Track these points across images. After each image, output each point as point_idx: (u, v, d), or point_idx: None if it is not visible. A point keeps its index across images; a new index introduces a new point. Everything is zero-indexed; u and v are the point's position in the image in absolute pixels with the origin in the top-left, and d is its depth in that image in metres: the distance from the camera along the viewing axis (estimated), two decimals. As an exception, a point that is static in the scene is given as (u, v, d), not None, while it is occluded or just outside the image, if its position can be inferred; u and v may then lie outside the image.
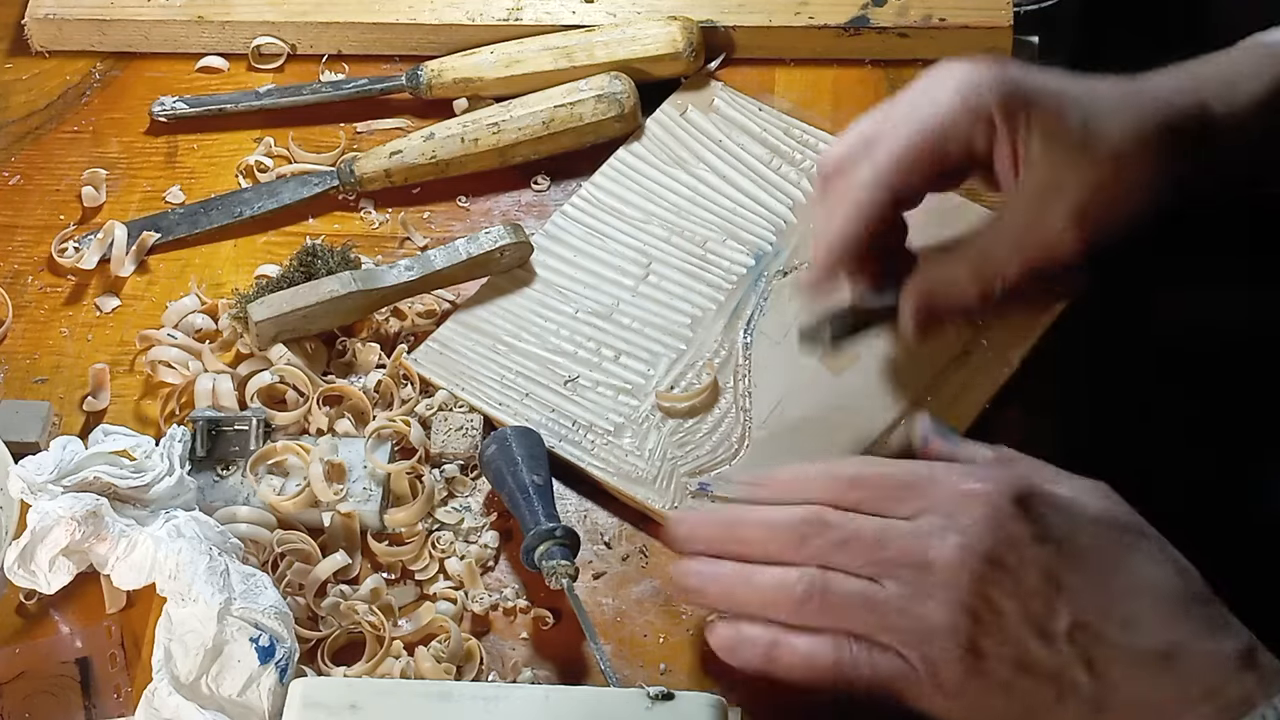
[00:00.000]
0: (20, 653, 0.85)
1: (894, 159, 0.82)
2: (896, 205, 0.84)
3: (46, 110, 1.10)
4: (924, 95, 0.83)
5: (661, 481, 0.89)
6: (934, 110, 0.82)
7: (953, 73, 0.82)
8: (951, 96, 0.81)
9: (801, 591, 0.76)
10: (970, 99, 0.81)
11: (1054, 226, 0.81)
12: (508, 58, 1.06)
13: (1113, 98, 0.82)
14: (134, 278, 1.01)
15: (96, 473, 0.83)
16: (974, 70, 0.81)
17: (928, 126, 0.82)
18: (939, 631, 0.74)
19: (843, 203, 0.84)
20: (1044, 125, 0.80)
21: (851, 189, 0.83)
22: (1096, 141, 0.81)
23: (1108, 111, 0.81)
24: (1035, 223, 0.82)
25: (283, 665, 0.79)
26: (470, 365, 0.94)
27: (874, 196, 0.83)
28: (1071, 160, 0.81)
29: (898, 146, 0.82)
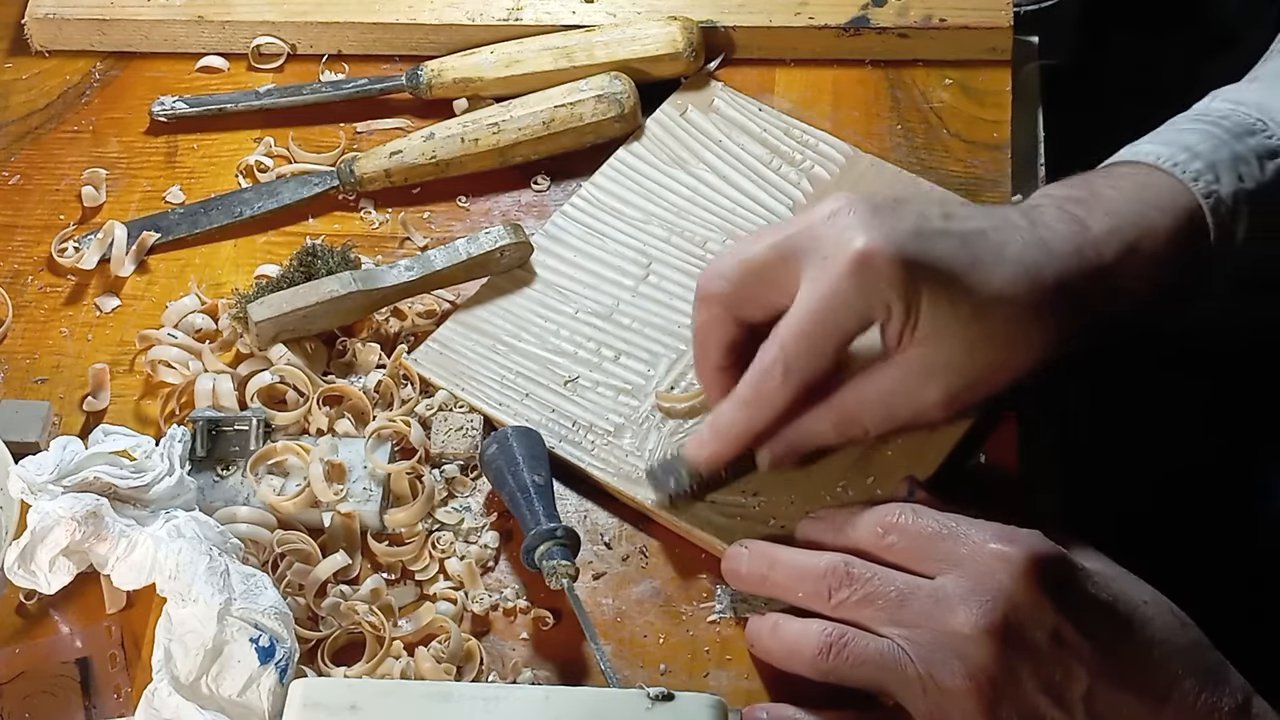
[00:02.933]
0: (20, 653, 0.85)
1: (801, 352, 0.80)
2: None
3: (46, 110, 1.10)
4: (822, 263, 0.79)
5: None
6: (832, 289, 0.79)
7: (851, 239, 0.78)
8: (849, 275, 0.78)
9: (818, 648, 0.77)
10: (868, 279, 0.78)
11: (925, 399, 0.81)
12: (508, 58, 1.05)
13: (1013, 268, 0.80)
14: (134, 278, 1.01)
15: (96, 473, 0.83)
16: (874, 241, 0.78)
17: (827, 308, 0.79)
18: (957, 697, 0.74)
19: (755, 393, 0.82)
20: (936, 307, 0.79)
21: (764, 383, 0.81)
22: (987, 323, 0.79)
23: (1006, 285, 0.79)
24: (908, 393, 0.81)
25: (283, 665, 0.79)
26: (470, 365, 0.94)
27: (786, 393, 0.81)
28: (957, 344, 0.80)
29: (801, 337, 0.80)
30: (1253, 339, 1.07)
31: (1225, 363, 1.10)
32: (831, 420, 0.83)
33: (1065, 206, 0.83)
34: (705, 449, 0.85)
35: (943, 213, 0.81)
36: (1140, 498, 1.08)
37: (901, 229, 0.79)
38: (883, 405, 0.82)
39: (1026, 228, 0.82)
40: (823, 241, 0.80)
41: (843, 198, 0.81)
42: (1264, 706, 0.75)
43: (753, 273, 0.82)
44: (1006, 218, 0.82)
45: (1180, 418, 1.11)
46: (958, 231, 0.80)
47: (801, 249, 0.80)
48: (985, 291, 0.79)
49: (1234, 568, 1.04)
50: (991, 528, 0.77)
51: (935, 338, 0.79)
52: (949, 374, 0.80)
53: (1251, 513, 1.06)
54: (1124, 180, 0.84)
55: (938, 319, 0.79)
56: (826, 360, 0.81)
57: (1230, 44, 1.23)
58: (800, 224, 0.81)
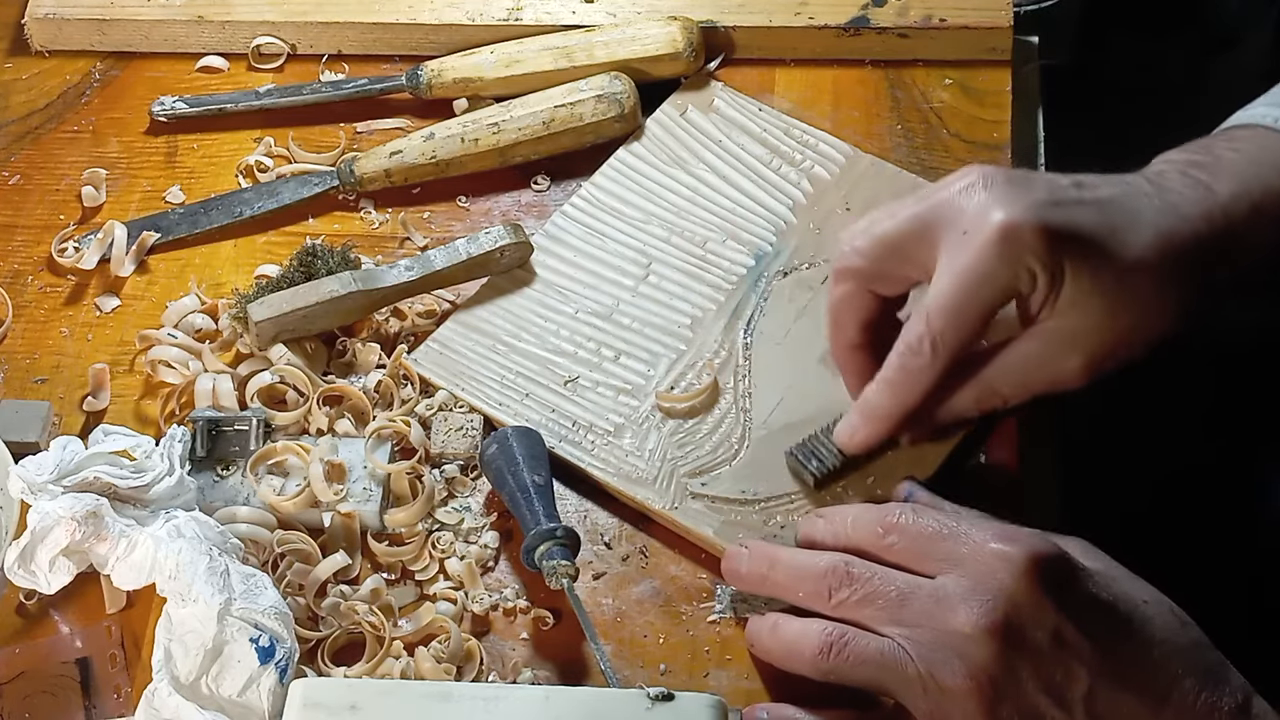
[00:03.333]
0: (20, 653, 0.85)
1: (948, 328, 0.80)
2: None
3: (46, 110, 1.10)
4: (962, 238, 0.79)
5: (661, 482, 0.88)
6: (976, 262, 0.79)
7: (992, 212, 0.78)
8: (994, 247, 0.78)
9: (818, 648, 0.78)
10: (1012, 252, 0.78)
11: (1065, 369, 0.81)
12: (508, 58, 1.05)
13: (1149, 234, 0.80)
14: (134, 278, 1.01)
15: (96, 473, 0.83)
16: (1015, 214, 0.78)
17: (973, 282, 0.79)
18: (957, 696, 0.74)
19: (905, 373, 0.82)
20: (1078, 276, 0.79)
21: (912, 362, 0.81)
22: (1127, 290, 0.79)
23: (1144, 251, 0.79)
24: (1048, 363, 0.81)
25: (283, 665, 0.79)
26: (470, 365, 0.94)
27: (935, 370, 0.81)
28: (1098, 313, 0.80)
29: (948, 313, 0.79)
30: (1254, 340, 1.07)
31: (1226, 363, 1.10)
32: (973, 394, 0.83)
33: (1189, 171, 0.83)
34: (859, 433, 0.85)
35: (1073, 182, 0.81)
36: (1140, 498, 1.08)
37: (1040, 198, 0.79)
38: (1024, 375, 0.82)
39: (1154, 193, 0.81)
40: (962, 214, 0.79)
41: (975, 170, 0.81)
42: (1264, 706, 0.75)
43: (889, 247, 0.82)
44: (1134, 184, 0.82)
45: (1180, 418, 1.11)
46: (1092, 200, 0.80)
47: (939, 222, 0.80)
48: (1125, 258, 0.79)
49: (1234, 567, 1.04)
50: (992, 527, 0.77)
51: (1077, 306, 0.79)
52: (1090, 342, 0.80)
53: (1251, 513, 1.06)
54: (1242, 143, 0.85)
55: (1080, 288, 0.79)
56: (973, 335, 0.80)
57: (1230, 44, 1.23)
58: (934, 198, 0.81)
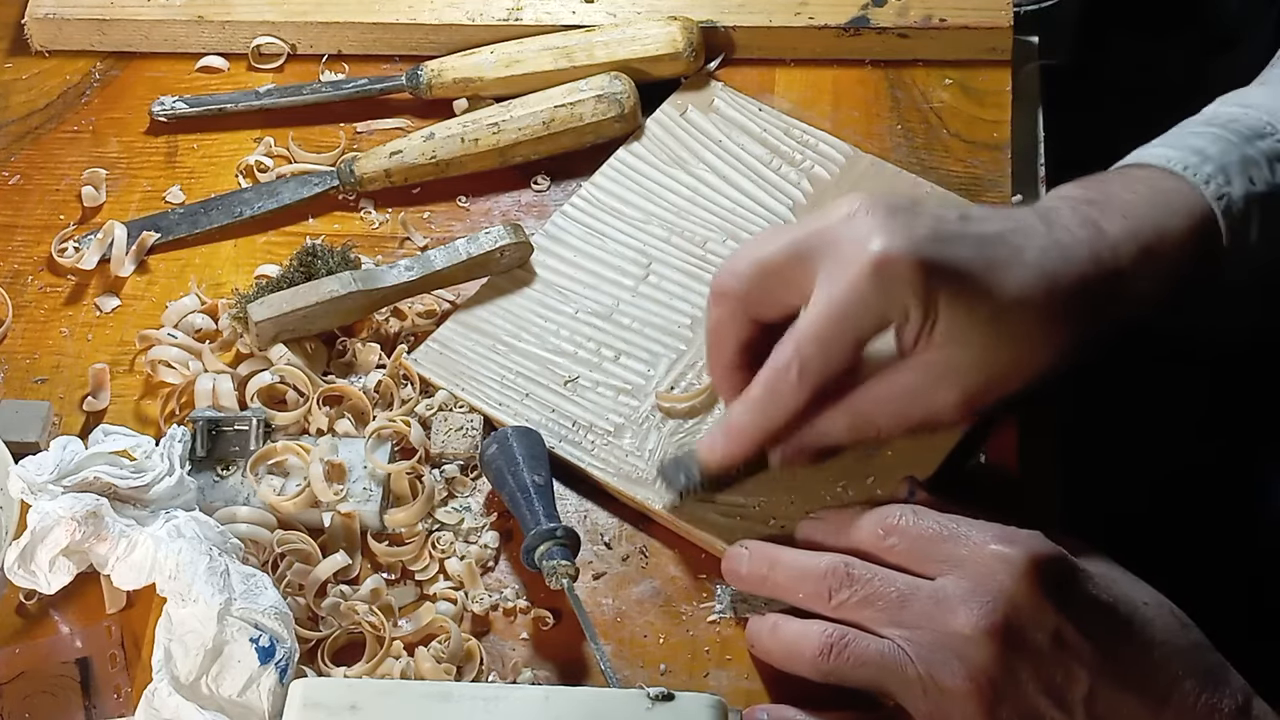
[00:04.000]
0: (20, 653, 0.85)
1: (816, 354, 0.79)
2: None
3: (46, 110, 1.10)
4: (838, 266, 0.78)
5: (661, 482, 0.88)
6: (849, 291, 0.78)
7: (870, 241, 0.78)
8: (868, 278, 0.77)
9: (819, 649, 0.77)
10: (887, 282, 0.77)
11: (940, 402, 0.80)
12: (508, 58, 1.05)
13: (1030, 272, 0.79)
14: (134, 278, 1.01)
15: (96, 473, 0.83)
16: (892, 245, 0.77)
17: (845, 310, 0.78)
18: (957, 697, 0.74)
19: (769, 394, 0.81)
20: (954, 310, 0.78)
21: (778, 384, 0.80)
22: (1005, 327, 0.79)
23: (1023, 289, 0.79)
24: (923, 396, 0.80)
25: (283, 665, 0.79)
26: (470, 365, 0.94)
27: (801, 395, 0.81)
28: (974, 348, 0.79)
29: (817, 339, 0.79)
30: (1252, 340, 1.07)
31: (1225, 363, 1.10)
32: (845, 422, 0.82)
33: (1080, 209, 0.82)
34: (718, 450, 0.85)
35: (959, 215, 0.81)
36: (1140, 498, 1.08)
37: (920, 231, 0.78)
38: (897, 407, 0.81)
39: (1043, 231, 0.81)
40: (840, 243, 0.79)
41: (859, 198, 0.80)
42: (1264, 708, 0.75)
43: (767, 272, 0.82)
44: (1023, 220, 0.82)
45: (1180, 418, 1.11)
46: (975, 234, 0.80)
47: (818, 249, 0.80)
48: (1003, 295, 0.78)
49: (1234, 568, 1.04)
50: (992, 529, 0.77)
51: (952, 341, 0.79)
52: (965, 377, 0.80)
53: (1251, 513, 1.06)
54: (1138, 184, 0.84)
55: (955, 322, 0.78)
56: (842, 362, 0.80)
57: (1230, 44, 1.23)
58: (816, 224, 0.81)
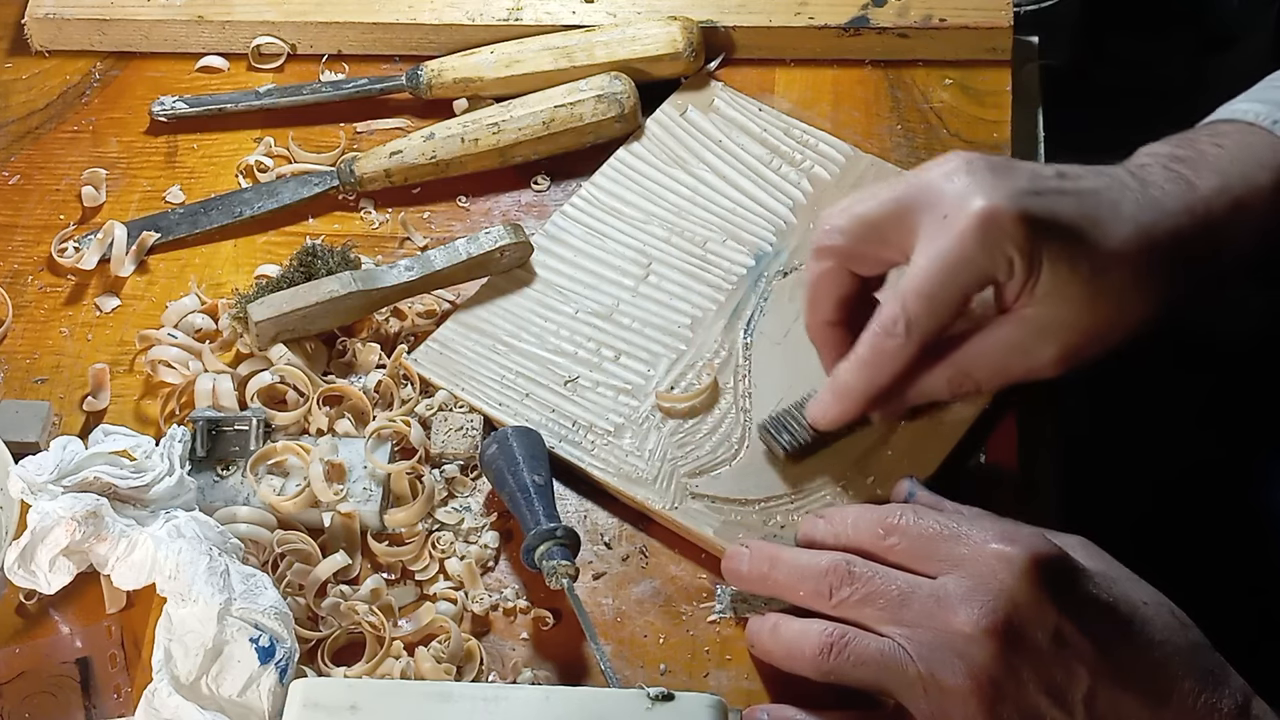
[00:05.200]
0: (20, 653, 0.85)
1: (923, 311, 0.80)
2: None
3: (46, 110, 1.10)
4: (942, 222, 0.79)
5: (661, 482, 0.88)
6: (954, 247, 0.79)
7: (973, 198, 0.79)
8: (973, 233, 0.78)
9: (819, 648, 0.78)
10: (992, 238, 0.78)
11: (1040, 357, 0.81)
12: (508, 58, 1.05)
13: (1129, 227, 0.80)
14: (134, 278, 1.01)
15: (96, 473, 0.83)
16: (995, 200, 0.78)
17: (950, 266, 0.79)
18: (957, 697, 0.74)
19: (876, 353, 0.82)
20: (1056, 265, 0.79)
21: (886, 342, 0.81)
22: (1105, 281, 0.80)
23: (1123, 244, 0.79)
24: (1024, 351, 0.81)
25: (283, 665, 0.79)
26: (470, 365, 0.94)
27: (907, 352, 0.81)
28: (1075, 303, 0.80)
29: (923, 296, 0.80)
30: (1256, 338, 1.07)
31: (1227, 361, 1.10)
32: (946, 377, 0.83)
33: (1171, 165, 0.83)
34: (830, 410, 0.85)
35: (1056, 171, 0.82)
36: (1141, 497, 1.08)
37: (1021, 187, 0.79)
38: (998, 362, 0.82)
39: (1137, 187, 0.82)
40: (943, 199, 0.79)
41: (958, 156, 0.81)
42: (1264, 708, 0.75)
43: (869, 227, 0.82)
44: (1116, 177, 0.82)
45: (1181, 417, 1.11)
46: (1074, 190, 0.80)
47: (919, 205, 0.80)
48: (1104, 250, 0.79)
49: (1235, 568, 1.04)
50: (992, 528, 0.77)
51: (1054, 296, 0.79)
52: (1066, 332, 0.80)
53: (1253, 513, 1.06)
54: (1226, 138, 0.85)
55: (1058, 277, 0.79)
56: (947, 318, 0.81)
57: (1230, 44, 1.23)
58: (916, 181, 0.81)
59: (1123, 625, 0.75)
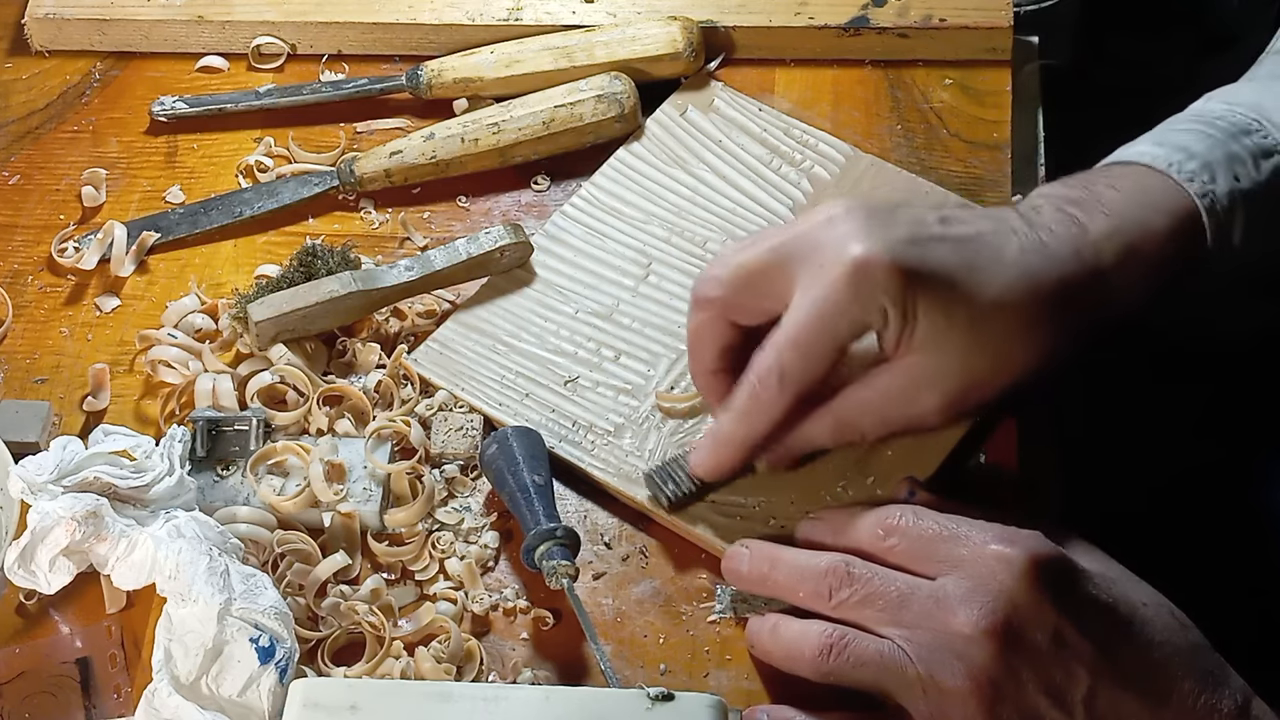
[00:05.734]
0: (20, 653, 0.85)
1: (797, 361, 0.80)
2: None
3: (46, 110, 1.10)
4: (817, 271, 0.79)
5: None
6: (828, 297, 0.78)
7: (848, 246, 0.78)
8: (845, 282, 0.78)
9: (818, 649, 0.77)
10: (865, 287, 0.78)
11: (921, 406, 0.81)
12: (508, 58, 1.05)
13: (1011, 273, 0.79)
14: (134, 278, 1.01)
15: (96, 473, 0.83)
16: (870, 249, 0.78)
17: (824, 316, 0.79)
18: (957, 698, 0.74)
19: (753, 402, 0.82)
20: (932, 314, 0.78)
21: (761, 392, 0.81)
22: (985, 329, 0.79)
23: (1003, 291, 0.79)
24: (905, 399, 0.81)
25: (283, 665, 0.79)
26: (470, 365, 0.94)
27: (783, 402, 0.81)
28: (954, 352, 0.79)
29: (797, 346, 0.79)
30: (1253, 341, 1.07)
31: (1225, 364, 1.10)
32: (828, 425, 0.83)
33: (1064, 208, 0.83)
34: (708, 461, 0.85)
35: (939, 217, 0.81)
36: (1140, 498, 1.08)
37: (897, 235, 0.78)
38: (880, 411, 0.82)
39: (1025, 230, 0.81)
40: (818, 248, 0.79)
41: (839, 203, 0.80)
42: (1263, 708, 0.75)
43: (747, 278, 0.82)
44: (1004, 220, 0.82)
45: (1179, 419, 1.11)
46: (954, 236, 0.80)
47: (797, 255, 0.80)
48: (983, 298, 0.79)
49: (1235, 568, 1.04)
50: (992, 529, 0.77)
51: (932, 345, 0.79)
52: (946, 381, 0.80)
53: (1253, 513, 1.06)
54: (1122, 181, 0.84)
55: (935, 326, 0.78)
56: (822, 367, 0.80)
57: (1230, 44, 1.23)
58: (796, 230, 0.81)
59: (1122, 626, 0.75)
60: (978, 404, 0.82)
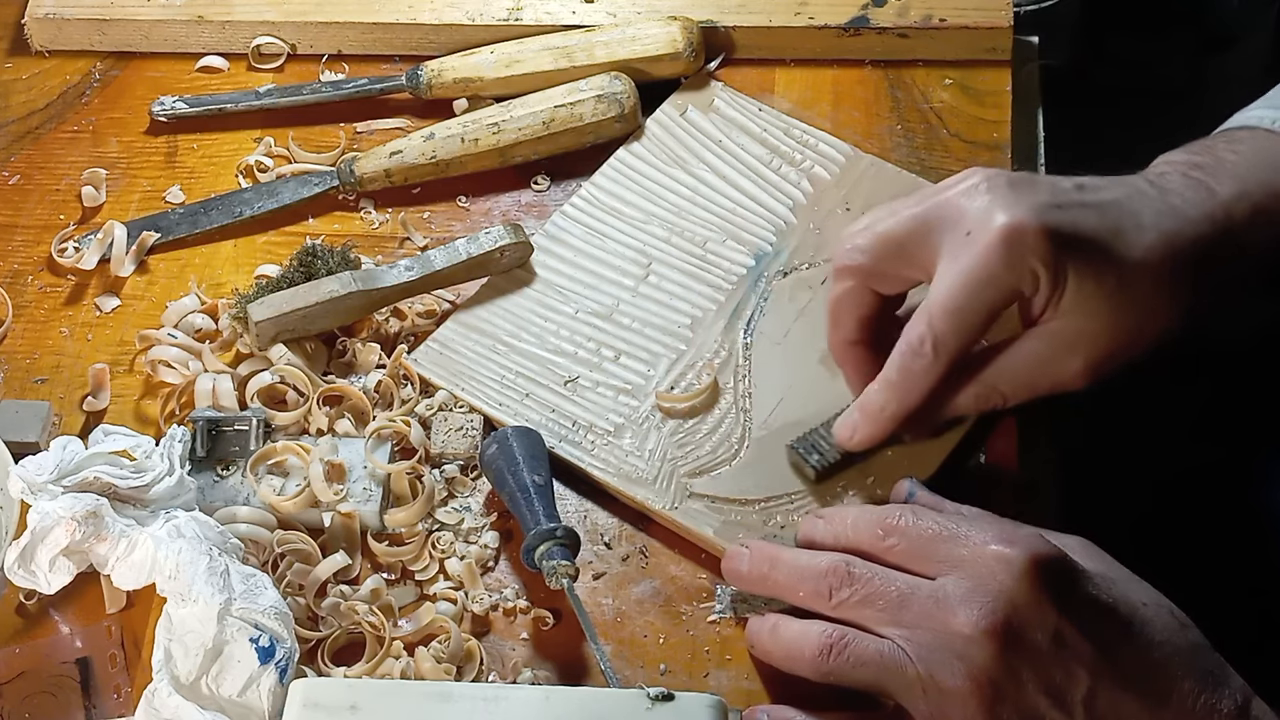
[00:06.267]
0: (20, 653, 0.85)
1: (950, 330, 0.80)
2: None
3: (46, 110, 1.10)
4: (965, 239, 0.79)
5: (661, 482, 0.88)
6: (980, 264, 0.79)
7: (996, 214, 0.79)
8: (998, 249, 0.78)
9: (818, 649, 0.78)
10: (1016, 254, 0.78)
11: (1067, 370, 0.81)
12: (508, 58, 1.05)
13: (1151, 236, 0.80)
14: (134, 278, 1.01)
15: (96, 473, 0.83)
16: (1019, 216, 0.78)
17: (976, 283, 0.79)
18: (957, 698, 0.74)
19: (905, 373, 0.82)
20: (1082, 278, 0.79)
21: (914, 363, 0.81)
22: (1130, 292, 0.80)
23: (1146, 253, 0.80)
24: (1051, 364, 0.81)
25: (283, 665, 0.79)
26: (470, 365, 0.94)
27: (936, 371, 0.82)
28: (1101, 315, 0.80)
29: (950, 314, 0.80)
30: (1253, 341, 1.07)
31: (1225, 364, 1.10)
32: (973, 393, 0.83)
33: (1190, 173, 0.83)
34: (860, 432, 0.85)
35: (1075, 184, 0.82)
36: (1140, 498, 1.08)
37: (1043, 201, 0.79)
38: (1026, 376, 0.82)
39: (1156, 195, 0.82)
40: (965, 216, 0.80)
41: (978, 172, 0.81)
42: (1263, 708, 0.75)
43: (890, 246, 0.82)
44: (1136, 186, 0.82)
45: (1180, 419, 1.11)
46: (1094, 202, 0.81)
47: (940, 223, 0.80)
48: (1128, 260, 0.79)
49: (1235, 568, 1.04)
50: (992, 529, 0.77)
51: (1080, 308, 0.79)
52: (1092, 344, 0.80)
53: (1253, 513, 1.06)
54: (1242, 145, 0.85)
55: (1083, 290, 0.79)
56: (975, 335, 0.81)
57: (1230, 44, 1.23)
58: (937, 198, 0.81)
59: (1122, 626, 0.75)
60: (1119, 366, 0.82)
